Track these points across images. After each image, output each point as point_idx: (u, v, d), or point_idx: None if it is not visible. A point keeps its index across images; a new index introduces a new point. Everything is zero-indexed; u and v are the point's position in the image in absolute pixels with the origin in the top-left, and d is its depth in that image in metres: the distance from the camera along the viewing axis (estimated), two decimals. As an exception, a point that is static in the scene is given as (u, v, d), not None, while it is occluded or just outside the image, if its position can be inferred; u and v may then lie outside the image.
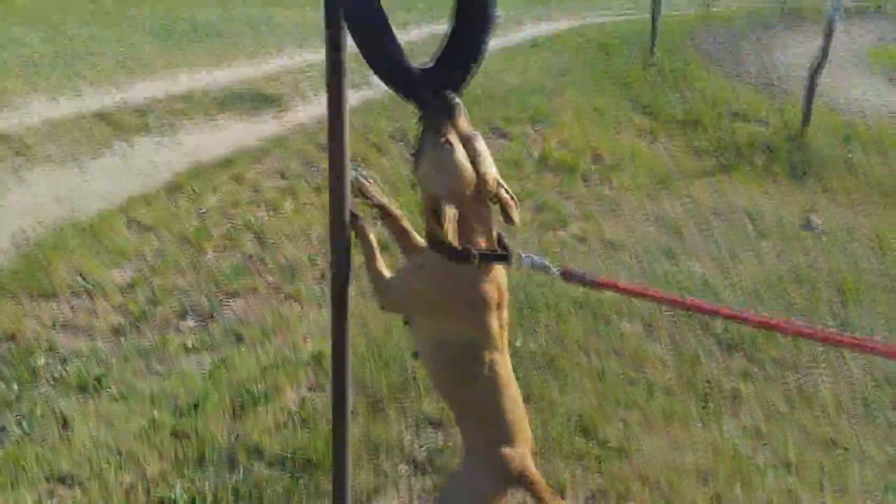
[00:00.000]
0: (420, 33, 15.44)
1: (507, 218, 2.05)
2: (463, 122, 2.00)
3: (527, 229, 5.84)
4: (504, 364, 2.13)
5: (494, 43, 11.20)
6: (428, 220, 2.02)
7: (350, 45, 1.98)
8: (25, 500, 2.78)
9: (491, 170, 2.00)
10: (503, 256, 2.02)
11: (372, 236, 2.20)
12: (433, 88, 1.97)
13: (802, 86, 8.96)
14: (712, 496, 3.11)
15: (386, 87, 2.06)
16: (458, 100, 1.99)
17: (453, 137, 1.96)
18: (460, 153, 1.95)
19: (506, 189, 2.04)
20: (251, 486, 2.88)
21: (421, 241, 2.24)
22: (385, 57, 2.00)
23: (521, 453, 2.14)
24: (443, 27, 2.00)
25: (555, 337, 4.21)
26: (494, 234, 2.05)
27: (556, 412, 3.50)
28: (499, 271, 2.08)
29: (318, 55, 12.06)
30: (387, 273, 2.17)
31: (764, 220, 6.37)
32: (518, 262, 2.02)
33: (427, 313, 2.13)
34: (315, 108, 8.97)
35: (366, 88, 9.80)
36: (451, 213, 1.91)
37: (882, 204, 6.96)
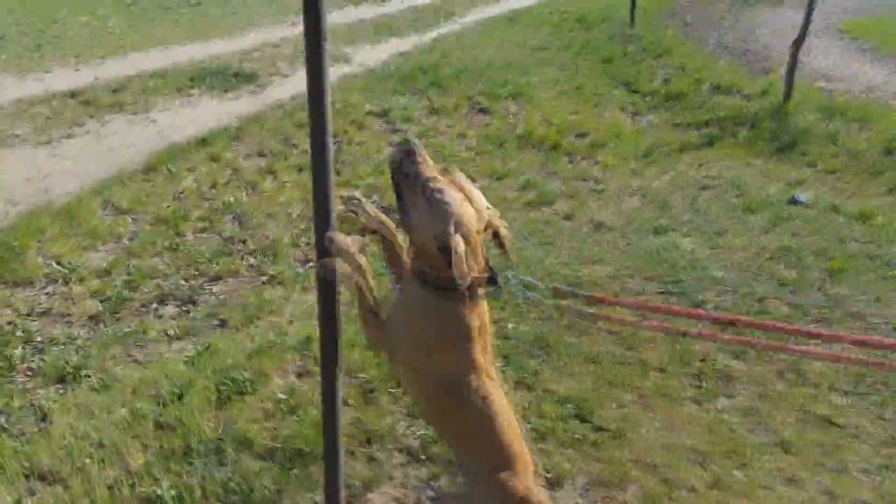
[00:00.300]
0: (399, 5, 15.22)
1: (503, 249, 2.03)
2: (430, 161, 1.96)
3: (513, 208, 5.75)
4: (493, 389, 2.07)
5: (470, 17, 11.08)
6: (416, 262, 2.00)
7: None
8: (4, 498, 2.66)
9: (485, 202, 1.98)
10: (491, 280, 1.98)
11: (364, 266, 2.07)
12: None
13: (783, 59, 8.90)
14: (711, 480, 3.07)
15: (364, 66, 1.96)
16: (416, 140, 1.96)
17: (439, 177, 1.90)
18: (453, 189, 1.88)
19: (501, 220, 2.02)
20: (240, 480, 2.78)
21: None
22: None
23: (523, 480, 2.07)
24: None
25: (546, 320, 4.13)
26: (483, 260, 1.99)
27: (551, 397, 3.43)
28: (479, 299, 2.03)
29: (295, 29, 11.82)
30: (377, 314, 2.10)
31: (750, 194, 6.32)
32: (506, 284, 2.00)
33: (412, 346, 2.05)
34: (291, 84, 8.79)
35: (343, 64, 9.63)
36: (461, 248, 1.83)
37: (866, 177, 6.93)
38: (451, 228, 1.84)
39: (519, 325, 3.99)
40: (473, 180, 2.02)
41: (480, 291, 2.00)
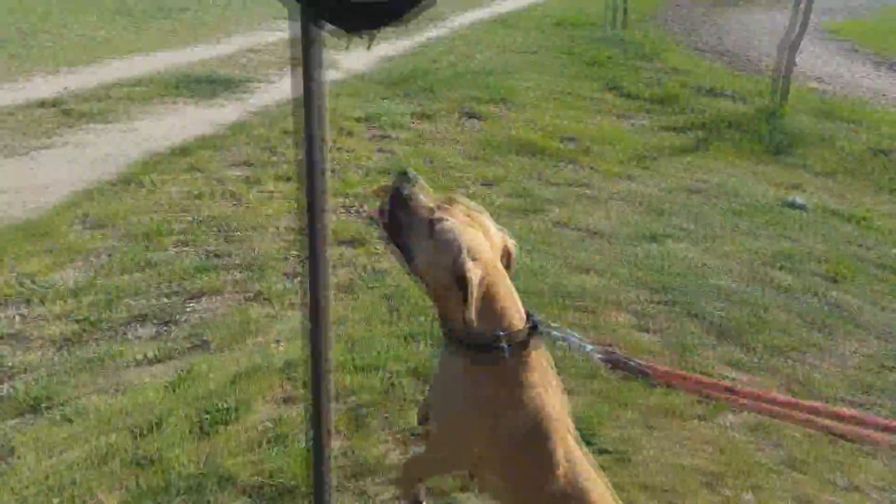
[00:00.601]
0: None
1: (508, 268, 1.88)
2: (430, 190, 1.81)
3: (503, 214, 5.59)
4: (572, 446, 1.98)
5: (460, 20, 10.93)
6: (444, 313, 1.82)
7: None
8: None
9: (495, 225, 1.84)
10: (530, 339, 1.81)
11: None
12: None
13: (771, 61, 8.80)
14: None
15: (352, 71, 1.77)
16: (413, 171, 1.80)
17: (443, 206, 1.74)
18: (459, 216, 1.71)
19: (511, 240, 1.89)
20: (221, 520, 2.60)
21: None
22: None
23: None
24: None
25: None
26: (520, 306, 1.83)
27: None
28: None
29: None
30: (436, 457, 2.13)
31: (746, 198, 6.19)
32: (551, 342, 1.84)
33: (484, 431, 1.89)
34: (277, 90, 8.62)
35: (330, 69, 9.45)
36: (479, 276, 1.67)
37: (862, 179, 6.82)
38: (464, 256, 1.66)
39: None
40: (466, 192, 1.85)
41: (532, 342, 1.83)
